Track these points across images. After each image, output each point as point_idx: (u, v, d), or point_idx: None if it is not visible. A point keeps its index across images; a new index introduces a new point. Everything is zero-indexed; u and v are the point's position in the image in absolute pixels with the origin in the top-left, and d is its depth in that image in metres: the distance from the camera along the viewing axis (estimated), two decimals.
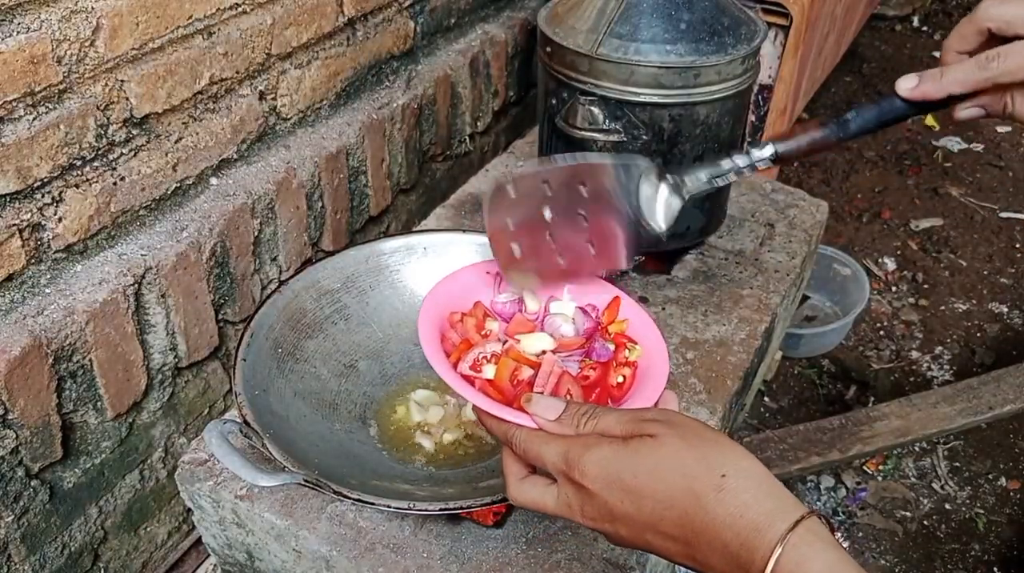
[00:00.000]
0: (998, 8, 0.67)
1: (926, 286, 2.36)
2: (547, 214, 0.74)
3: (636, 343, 0.76)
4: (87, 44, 0.97)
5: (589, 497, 0.60)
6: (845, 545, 1.66)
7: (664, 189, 0.76)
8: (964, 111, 0.70)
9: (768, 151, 0.75)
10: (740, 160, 0.76)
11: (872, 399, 2.01)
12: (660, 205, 0.76)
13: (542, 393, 0.70)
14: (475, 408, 0.67)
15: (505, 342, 0.75)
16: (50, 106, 0.95)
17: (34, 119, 0.93)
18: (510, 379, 0.71)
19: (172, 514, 1.26)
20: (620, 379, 0.73)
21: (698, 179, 0.77)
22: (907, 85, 0.71)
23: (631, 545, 0.61)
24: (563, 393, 0.71)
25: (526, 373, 0.72)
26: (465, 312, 0.78)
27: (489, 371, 0.71)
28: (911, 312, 2.27)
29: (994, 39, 0.68)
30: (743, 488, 0.56)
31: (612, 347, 0.76)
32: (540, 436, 0.63)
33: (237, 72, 1.18)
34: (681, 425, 0.60)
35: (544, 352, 0.75)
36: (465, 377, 0.70)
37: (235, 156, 1.23)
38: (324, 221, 1.38)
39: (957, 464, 1.86)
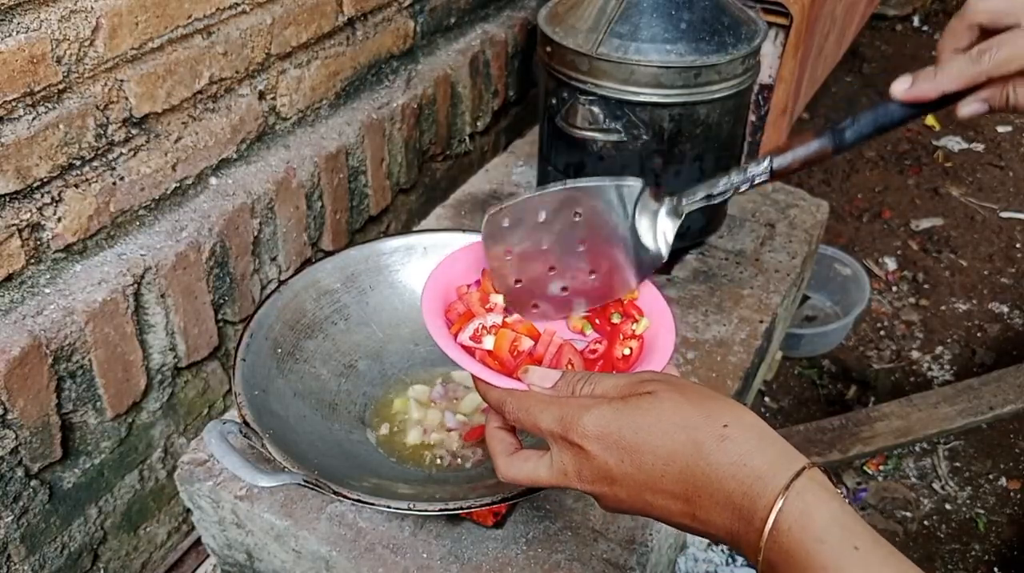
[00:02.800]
0: (986, 2, 0.67)
1: (927, 286, 2.35)
2: (544, 244, 0.73)
3: (643, 316, 0.75)
4: (86, 44, 0.96)
5: (587, 459, 0.59)
6: None
7: (661, 210, 0.74)
8: (966, 108, 0.68)
9: (764, 166, 0.73)
10: (736, 177, 0.74)
11: (872, 399, 2.01)
12: (659, 227, 0.74)
13: (541, 365, 0.69)
14: (473, 377, 0.67)
15: (506, 315, 0.74)
16: (49, 106, 0.95)
17: (34, 119, 0.93)
18: (509, 350, 0.71)
19: (172, 514, 1.26)
20: (627, 351, 0.73)
21: (694, 197, 0.75)
22: (901, 87, 0.69)
23: (629, 509, 0.60)
24: (564, 364, 0.71)
25: (526, 344, 0.72)
26: (471, 283, 0.77)
27: (489, 342, 0.71)
28: (911, 312, 2.27)
29: (986, 33, 0.67)
30: (746, 437, 0.55)
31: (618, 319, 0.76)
32: (535, 401, 0.62)
33: (237, 72, 1.18)
34: (680, 383, 0.60)
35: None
36: (465, 348, 0.70)
37: (234, 156, 1.23)
38: (324, 221, 1.38)
39: (957, 464, 1.86)
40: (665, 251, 0.75)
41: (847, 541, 0.50)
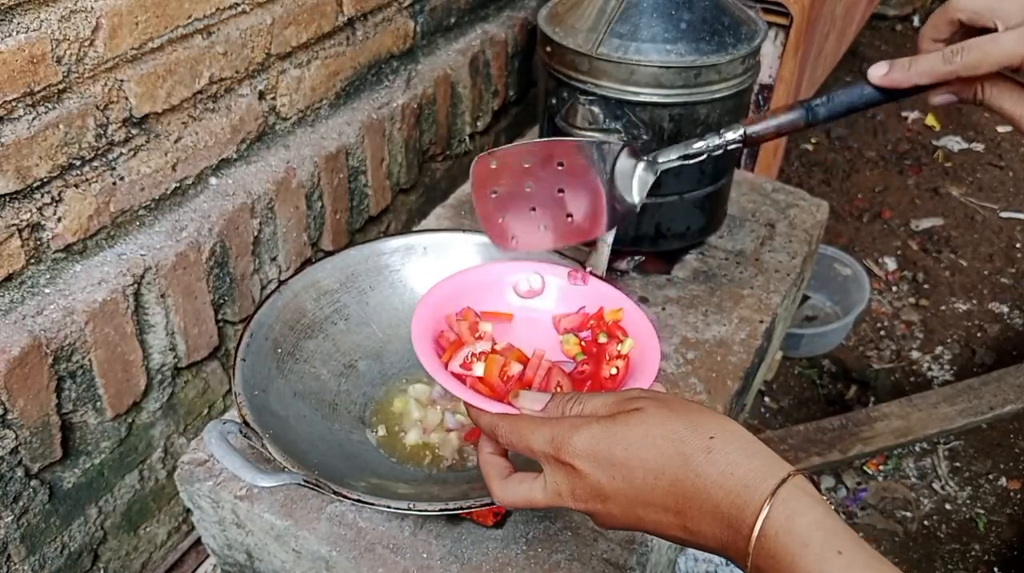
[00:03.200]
0: (968, 0, 0.70)
1: (927, 286, 2.35)
2: (527, 188, 0.78)
3: (628, 336, 0.78)
4: (86, 44, 0.96)
5: (579, 477, 0.60)
6: None
7: (638, 166, 0.80)
8: (937, 98, 0.73)
9: (738, 132, 0.78)
10: (711, 140, 0.80)
11: (872, 399, 2.01)
12: (635, 180, 0.81)
13: (530, 388, 0.71)
14: (465, 404, 0.68)
15: (494, 345, 0.77)
16: (49, 106, 0.95)
17: (34, 119, 0.93)
18: (499, 375, 0.73)
19: (171, 514, 1.26)
20: (613, 371, 0.75)
21: (670, 156, 0.81)
22: (878, 72, 0.73)
23: (622, 525, 0.61)
24: (553, 386, 0.73)
25: (515, 368, 0.74)
26: (459, 312, 0.79)
27: (479, 369, 0.73)
28: (911, 312, 2.27)
29: (965, 29, 0.71)
30: (731, 448, 0.56)
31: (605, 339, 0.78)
32: (526, 424, 0.63)
33: (237, 72, 1.18)
34: (666, 398, 0.61)
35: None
36: (456, 375, 0.72)
37: (234, 156, 1.23)
38: (324, 221, 1.38)
39: (957, 464, 1.86)
40: (639, 202, 0.81)
41: (831, 545, 0.51)
